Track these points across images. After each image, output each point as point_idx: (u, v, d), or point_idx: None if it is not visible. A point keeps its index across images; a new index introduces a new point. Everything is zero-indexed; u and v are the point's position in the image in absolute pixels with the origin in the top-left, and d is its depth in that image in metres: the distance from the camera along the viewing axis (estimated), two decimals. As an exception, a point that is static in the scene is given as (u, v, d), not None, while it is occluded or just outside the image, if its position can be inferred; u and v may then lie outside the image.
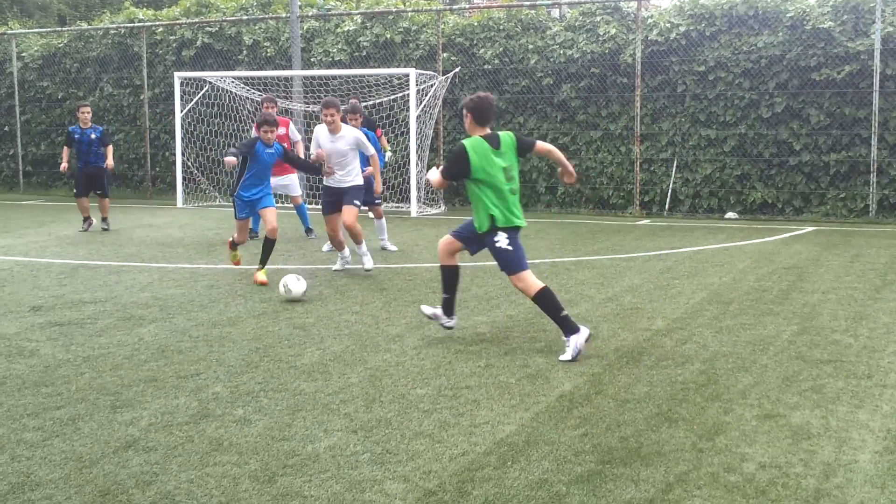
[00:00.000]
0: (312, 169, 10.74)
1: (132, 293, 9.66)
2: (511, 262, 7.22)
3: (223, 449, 5.18)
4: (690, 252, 12.28)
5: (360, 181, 10.68)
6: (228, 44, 20.86)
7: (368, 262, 10.54)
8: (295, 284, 9.07)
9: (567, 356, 6.92)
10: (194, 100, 19.50)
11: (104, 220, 15.35)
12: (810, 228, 14.93)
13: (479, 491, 4.57)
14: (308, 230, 14.27)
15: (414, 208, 17.15)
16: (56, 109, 22.60)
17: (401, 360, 6.96)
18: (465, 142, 7.21)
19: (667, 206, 17.34)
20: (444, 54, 18.73)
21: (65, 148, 15.60)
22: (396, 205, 18.41)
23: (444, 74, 18.34)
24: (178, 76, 19.43)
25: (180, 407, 5.92)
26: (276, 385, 6.37)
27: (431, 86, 17.93)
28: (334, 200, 10.61)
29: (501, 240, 7.17)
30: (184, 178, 19.51)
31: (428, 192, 18.07)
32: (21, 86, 22.90)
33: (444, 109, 18.63)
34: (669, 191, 17.36)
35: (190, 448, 5.20)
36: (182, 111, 19.37)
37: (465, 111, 7.29)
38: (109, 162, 15.30)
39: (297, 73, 19.04)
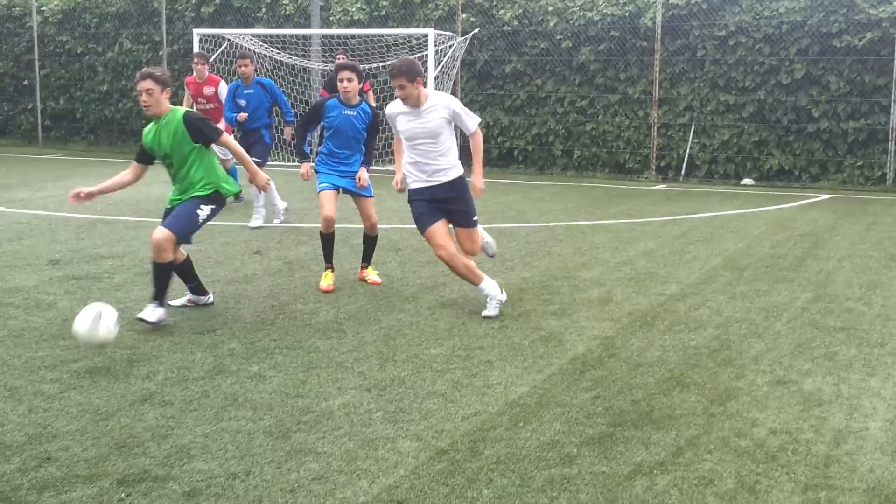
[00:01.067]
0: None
1: (149, 249, 9.62)
2: (192, 228, 7.06)
3: (238, 404, 5.24)
4: (706, 217, 12.24)
5: (461, 170, 7.28)
6: (247, 0, 20.75)
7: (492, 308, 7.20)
8: (107, 321, 6.07)
9: (176, 302, 7.35)
10: (213, 56, 19.45)
11: None
12: (826, 196, 14.84)
13: (490, 451, 4.62)
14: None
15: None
16: (75, 64, 22.59)
17: (415, 321, 6.99)
18: (187, 109, 7.03)
19: (683, 172, 17.26)
20: (464, 15, 18.59)
21: None
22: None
23: (462, 35, 18.22)
24: (196, 33, 19.36)
25: (196, 362, 5.98)
26: (290, 342, 6.42)
27: (450, 47, 17.82)
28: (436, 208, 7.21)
29: (207, 211, 7.04)
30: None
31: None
32: (41, 40, 22.88)
33: (462, 71, 18.53)
34: (686, 156, 17.26)
35: (205, 403, 5.27)
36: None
37: (162, 87, 6.80)
38: None
39: (315, 31, 18.94)
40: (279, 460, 4.51)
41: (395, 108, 7.19)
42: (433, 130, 7.01)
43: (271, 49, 19.15)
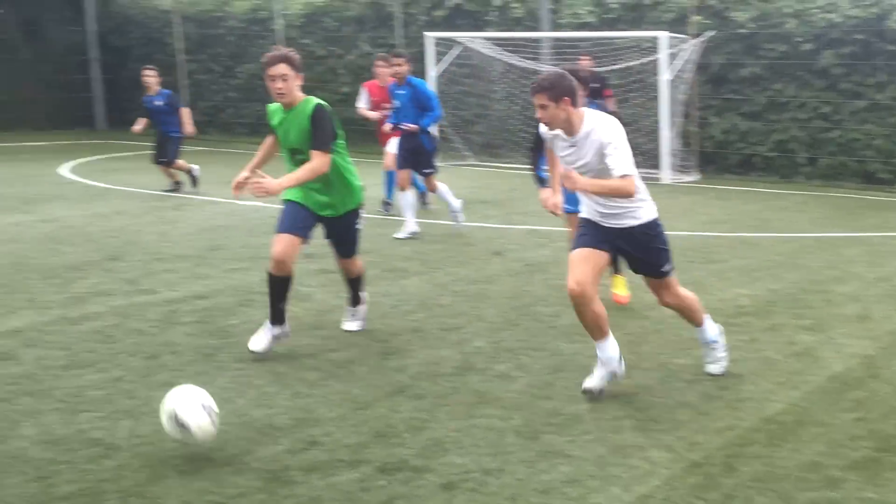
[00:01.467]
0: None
1: (395, 247, 9.96)
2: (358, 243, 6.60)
3: (487, 402, 5.33)
4: (971, 234, 11.32)
5: (652, 212, 5.61)
6: (478, 4, 21.08)
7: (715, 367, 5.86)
8: (195, 416, 4.58)
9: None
10: (447, 60, 19.88)
11: (176, 183, 14.03)
12: None
13: (747, 468, 4.48)
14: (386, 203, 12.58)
15: (667, 174, 16.78)
16: (318, 67, 23.61)
17: (658, 328, 6.87)
18: (320, 102, 6.27)
19: (944, 184, 16.06)
20: (696, 17, 18.12)
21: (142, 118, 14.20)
22: (647, 171, 18.02)
23: (695, 38, 17.77)
24: (429, 36, 19.85)
25: (444, 358, 6.14)
26: (535, 344, 6.47)
27: (682, 50, 17.42)
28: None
29: (362, 220, 6.61)
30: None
31: (681, 159, 17.62)
32: (285, 43, 24.16)
33: (697, 75, 18.06)
34: (946, 167, 16.07)
35: (456, 398, 5.39)
36: (436, 71, 19.79)
37: (297, 71, 6.16)
38: (188, 128, 13.74)
39: (543, 34, 19.02)
40: (531, 460, 4.56)
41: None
42: (594, 163, 5.33)
43: (502, 52, 19.37)
